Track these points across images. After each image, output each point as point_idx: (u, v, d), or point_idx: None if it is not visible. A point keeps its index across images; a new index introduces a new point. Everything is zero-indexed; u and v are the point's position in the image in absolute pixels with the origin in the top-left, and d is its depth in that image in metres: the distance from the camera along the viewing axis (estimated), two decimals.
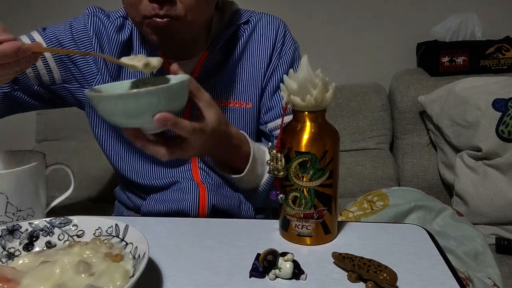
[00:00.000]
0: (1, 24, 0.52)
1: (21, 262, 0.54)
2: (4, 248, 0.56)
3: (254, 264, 0.55)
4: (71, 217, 0.60)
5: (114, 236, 0.57)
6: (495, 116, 1.31)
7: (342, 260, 0.55)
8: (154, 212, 0.86)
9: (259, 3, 1.27)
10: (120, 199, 0.97)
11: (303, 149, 0.59)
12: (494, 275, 1.07)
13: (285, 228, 0.63)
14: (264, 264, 0.54)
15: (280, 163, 0.60)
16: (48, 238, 0.58)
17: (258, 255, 0.56)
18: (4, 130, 1.55)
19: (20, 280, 0.48)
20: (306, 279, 0.53)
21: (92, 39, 0.81)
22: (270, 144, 0.62)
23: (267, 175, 0.78)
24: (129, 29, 0.82)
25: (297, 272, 0.53)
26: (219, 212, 0.87)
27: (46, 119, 1.66)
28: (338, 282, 0.53)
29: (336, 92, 0.61)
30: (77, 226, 0.59)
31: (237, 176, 0.73)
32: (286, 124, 0.62)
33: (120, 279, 0.48)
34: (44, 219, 0.59)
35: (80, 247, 0.53)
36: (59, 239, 0.58)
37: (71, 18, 0.84)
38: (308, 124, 0.60)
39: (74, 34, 0.81)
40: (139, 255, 0.51)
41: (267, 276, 0.54)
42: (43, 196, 0.73)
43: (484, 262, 1.10)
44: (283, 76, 0.62)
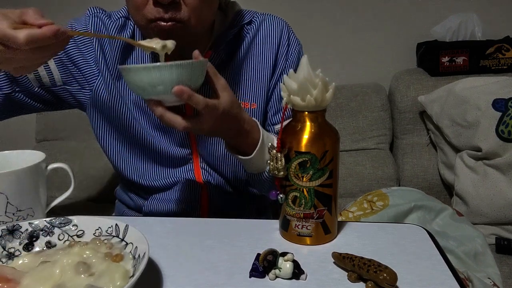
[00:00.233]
0: (38, 10, 0.54)
1: (21, 262, 0.54)
2: (4, 248, 0.56)
3: (254, 264, 0.55)
4: (71, 217, 0.60)
5: (114, 236, 0.57)
6: (495, 116, 1.31)
7: (342, 260, 0.55)
8: (156, 212, 0.86)
9: (260, 3, 1.27)
10: (121, 199, 0.97)
11: (303, 149, 0.59)
12: (494, 275, 1.07)
13: (285, 228, 0.63)
14: (264, 264, 0.54)
15: (280, 163, 0.60)
16: (48, 238, 0.58)
17: (258, 255, 0.56)
18: (4, 130, 1.55)
19: (20, 280, 0.48)
20: (306, 279, 0.53)
21: (93, 40, 0.81)
22: (270, 144, 0.62)
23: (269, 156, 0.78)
24: (130, 29, 0.82)
25: (297, 272, 0.53)
26: (221, 212, 0.87)
27: (46, 119, 1.66)
28: (338, 282, 0.53)
29: (336, 92, 0.61)
30: (77, 226, 0.59)
31: (245, 158, 0.74)
32: (286, 124, 0.62)
33: (120, 279, 0.48)
34: (44, 219, 0.59)
35: (80, 247, 0.53)
36: (59, 239, 0.58)
37: (72, 19, 0.84)
38: (308, 124, 0.60)
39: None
40: (139, 255, 0.51)
41: (267, 276, 0.54)
42: (43, 196, 0.73)
43: (484, 262, 1.10)
44: None
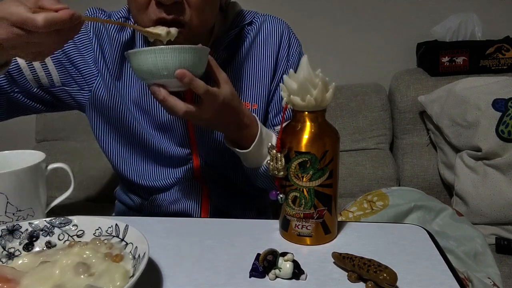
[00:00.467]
0: None
1: (21, 262, 0.54)
2: (4, 248, 0.56)
3: (254, 264, 0.55)
4: (71, 217, 0.60)
5: (114, 236, 0.57)
6: (495, 116, 1.31)
7: (342, 260, 0.55)
8: (156, 212, 0.86)
9: (260, 3, 1.27)
10: (121, 200, 0.96)
11: (303, 149, 0.59)
12: (494, 275, 1.07)
13: (285, 228, 0.63)
14: (264, 264, 0.54)
15: (280, 163, 0.60)
16: (48, 238, 0.58)
17: (258, 255, 0.56)
18: (4, 130, 1.55)
19: (20, 280, 0.48)
20: (306, 279, 0.53)
21: (92, 40, 0.81)
22: (270, 144, 0.62)
23: (269, 157, 0.78)
24: (130, 29, 0.82)
25: (297, 272, 0.53)
26: (221, 212, 0.86)
27: (46, 120, 1.66)
28: (338, 282, 0.53)
29: (336, 92, 0.62)
30: (77, 226, 0.59)
31: (243, 152, 0.74)
32: (286, 124, 0.62)
33: (120, 279, 0.48)
34: (44, 219, 0.59)
35: (80, 247, 0.53)
36: (59, 239, 0.58)
37: None
38: (308, 124, 0.60)
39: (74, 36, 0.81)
40: (139, 255, 0.51)
41: (267, 276, 0.54)
42: (43, 196, 0.73)
43: (484, 262, 1.10)
44: None
